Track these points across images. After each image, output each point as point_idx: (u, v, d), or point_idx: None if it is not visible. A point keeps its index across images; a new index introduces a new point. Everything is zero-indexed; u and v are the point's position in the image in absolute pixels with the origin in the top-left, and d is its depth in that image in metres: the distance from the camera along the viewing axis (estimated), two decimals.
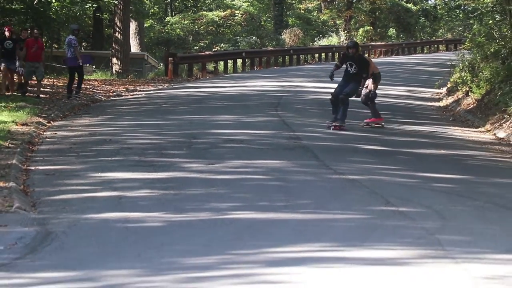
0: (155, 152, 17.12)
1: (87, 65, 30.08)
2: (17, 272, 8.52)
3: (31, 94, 25.62)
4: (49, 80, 29.50)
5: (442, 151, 18.20)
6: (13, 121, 20.16)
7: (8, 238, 10.19)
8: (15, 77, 26.37)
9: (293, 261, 8.83)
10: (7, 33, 25.67)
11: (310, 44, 56.93)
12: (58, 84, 30.51)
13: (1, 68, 25.43)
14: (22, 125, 20.08)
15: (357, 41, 22.50)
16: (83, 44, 46.10)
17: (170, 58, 38.15)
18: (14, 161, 15.64)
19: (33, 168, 15.69)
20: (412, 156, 17.55)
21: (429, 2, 71.25)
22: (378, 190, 13.54)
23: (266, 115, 22.98)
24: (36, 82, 26.26)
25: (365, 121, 21.44)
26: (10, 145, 17.40)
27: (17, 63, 25.43)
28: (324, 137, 19.49)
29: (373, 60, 29.69)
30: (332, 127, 19.92)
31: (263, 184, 13.99)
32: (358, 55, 20.33)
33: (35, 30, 27.07)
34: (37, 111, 22.63)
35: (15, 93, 25.59)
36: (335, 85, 20.64)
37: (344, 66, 20.47)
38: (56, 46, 40.75)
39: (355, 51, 20.14)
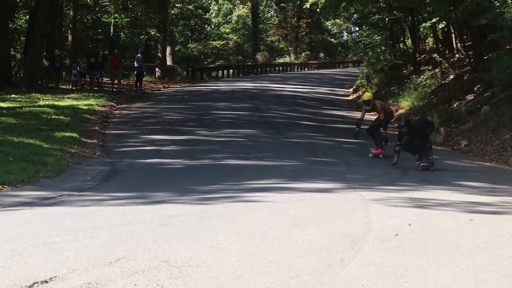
0: (180, 124, 17.09)
1: (145, 72, 30.02)
2: (98, 193, 8.51)
3: (110, 89, 25.29)
4: None
5: (349, 126, 18.23)
6: (96, 104, 20.04)
7: (92, 172, 10.19)
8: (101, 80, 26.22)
9: (261, 189, 8.86)
10: (92, 53, 25.78)
11: (273, 61, 56.59)
12: (123, 83, 30.22)
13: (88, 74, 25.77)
14: (102, 106, 19.94)
15: (408, 118, 13.32)
16: None
17: (190, 69, 38.00)
18: (96, 128, 15.60)
19: (107, 132, 15.64)
20: (331, 129, 17.60)
21: (344, 38, 70.97)
22: (311, 148, 13.60)
23: (245, 103, 22.90)
24: (116, 81, 25.93)
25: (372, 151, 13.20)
26: (94, 118, 17.34)
27: (101, 72, 25.39)
28: (280, 116, 19.47)
29: (309, 72, 29.39)
30: (419, 167, 11.56)
31: (243, 144, 14.00)
32: (418, 123, 12.86)
33: (116, 50, 26.92)
34: (111, 98, 22.46)
35: (95, 88, 25.33)
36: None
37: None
38: (123, 61, 40.39)
39: (407, 129, 11.69)
